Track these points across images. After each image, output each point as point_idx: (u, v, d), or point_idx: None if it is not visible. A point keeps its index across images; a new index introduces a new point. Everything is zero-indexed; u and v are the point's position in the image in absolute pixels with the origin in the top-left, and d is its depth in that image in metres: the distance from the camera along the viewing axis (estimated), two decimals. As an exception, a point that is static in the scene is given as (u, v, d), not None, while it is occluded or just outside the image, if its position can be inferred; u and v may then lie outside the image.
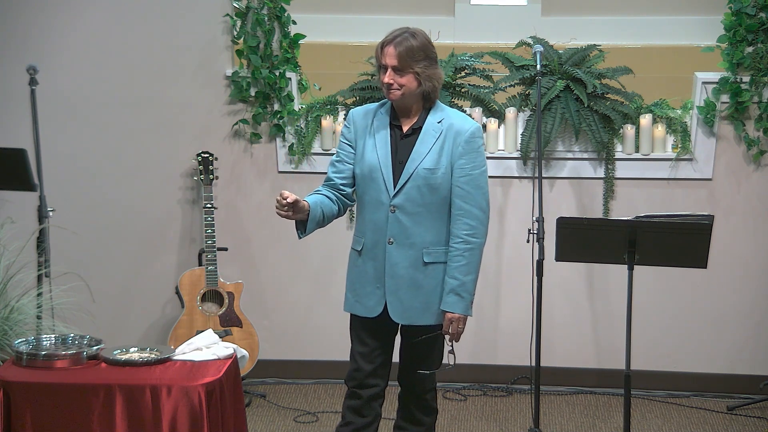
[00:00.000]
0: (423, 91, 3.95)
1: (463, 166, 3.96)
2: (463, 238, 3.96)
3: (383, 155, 3.99)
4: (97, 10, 5.71)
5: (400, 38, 3.91)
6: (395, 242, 3.98)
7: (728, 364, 5.83)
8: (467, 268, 3.98)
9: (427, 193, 3.96)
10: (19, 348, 3.94)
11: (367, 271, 4.04)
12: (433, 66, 3.95)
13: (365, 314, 4.06)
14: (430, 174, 3.95)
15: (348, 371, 4.14)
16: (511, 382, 5.86)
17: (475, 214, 3.96)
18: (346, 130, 4.09)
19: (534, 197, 5.13)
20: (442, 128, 3.98)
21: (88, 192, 5.76)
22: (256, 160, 5.88)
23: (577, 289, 5.85)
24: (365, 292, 4.05)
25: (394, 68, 3.90)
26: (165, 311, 5.89)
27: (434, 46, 3.99)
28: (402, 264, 3.98)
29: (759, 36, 5.56)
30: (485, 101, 5.76)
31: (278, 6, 5.72)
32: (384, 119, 4.03)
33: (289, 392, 5.81)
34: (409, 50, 3.90)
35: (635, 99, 5.72)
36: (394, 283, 3.99)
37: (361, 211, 4.07)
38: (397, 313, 4.01)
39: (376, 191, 3.99)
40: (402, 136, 4.01)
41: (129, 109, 5.76)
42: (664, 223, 4.36)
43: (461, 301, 3.98)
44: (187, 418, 3.71)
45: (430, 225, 3.98)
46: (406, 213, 3.96)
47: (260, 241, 5.94)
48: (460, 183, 3.96)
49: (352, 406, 4.14)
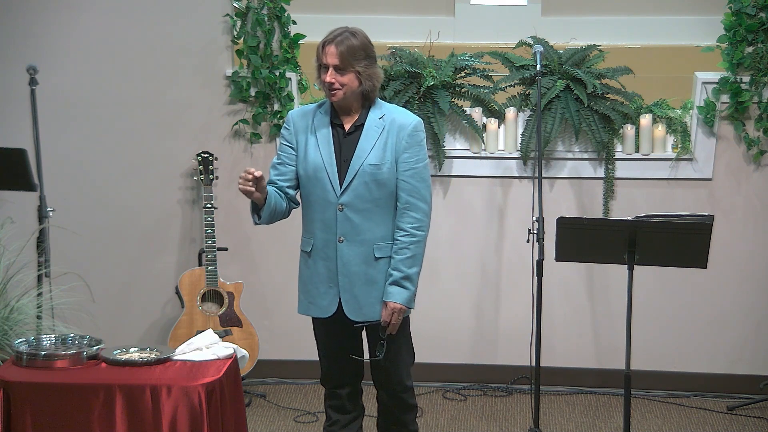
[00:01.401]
0: (363, 90, 3.97)
1: (407, 159, 3.98)
2: (408, 231, 3.98)
3: (326, 154, 3.99)
4: (97, 10, 5.71)
5: (340, 37, 3.94)
6: (345, 240, 3.99)
7: (728, 364, 5.83)
8: (412, 261, 3.99)
9: (375, 189, 3.97)
10: (19, 348, 3.94)
11: (319, 271, 4.04)
12: (373, 65, 3.98)
13: (320, 315, 4.08)
14: (376, 170, 3.96)
15: (322, 374, 4.19)
16: (511, 382, 5.86)
17: (421, 207, 3.99)
18: (286, 131, 4.08)
19: (534, 197, 5.13)
20: (384, 123, 4.00)
21: (88, 192, 5.77)
22: (256, 160, 5.88)
23: (577, 289, 5.85)
24: (318, 292, 4.06)
25: (335, 67, 3.92)
26: (165, 311, 5.89)
27: (373, 45, 4.01)
28: (354, 261, 4.00)
29: (759, 36, 5.56)
30: (485, 101, 5.76)
31: (278, 6, 5.72)
32: (324, 118, 4.04)
33: (289, 392, 5.81)
34: (351, 49, 3.92)
35: (635, 99, 5.72)
36: (347, 281, 4.01)
37: (308, 212, 4.06)
38: (353, 311, 4.02)
39: (323, 190, 3.99)
40: (344, 134, 4.02)
41: (129, 109, 5.76)
42: (664, 223, 4.36)
43: (404, 292, 3.99)
44: (187, 418, 3.71)
45: (379, 220, 4.00)
46: (354, 210, 3.98)
47: (260, 241, 5.94)
48: (405, 177, 3.98)
49: (334, 406, 4.19)
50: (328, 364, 4.16)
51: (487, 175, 5.81)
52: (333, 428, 4.19)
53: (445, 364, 5.92)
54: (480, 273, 5.86)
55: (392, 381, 4.15)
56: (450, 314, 5.88)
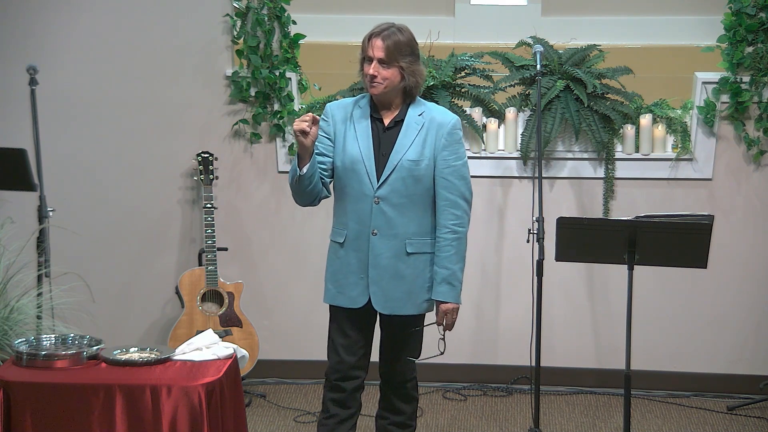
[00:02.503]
0: (405, 86, 4.01)
1: (446, 157, 4.02)
2: (450, 228, 4.02)
3: (365, 147, 4.02)
4: (97, 10, 5.71)
5: (387, 32, 3.98)
6: (379, 233, 4.01)
7: (728, 364, 5.83)
8: (456, 257, 4.04)
9: (411, 185, 4.00)
10: (19, 348, 3.94)
11: (350, 262, 4.07)
12: (417, 62, 4.03)
13: (349, 305, 4.09)
14: (414, 165, 3.99)
15: (330, 364, 4.17)
16: (511, 382, 5.86)
17: (460, 204, 4.04)
18: (324, 123, 4.09)
19: (534, 197, 5.13)
20: (424, 121, 4.04)
21: (88, 192, 5.77)
22: (256, 160, 5.88)
23: (577, 289, 5.85)
24: (348, 282, 4.07)
25: (380, 60, 3.96)
26: (165, 311, 5.89)
27: (417, 43, 4.05)
28: (385, 254, 4.02)
29: (759, 36, 5.56)
30: (485, 101, 5.76)
31: (278, 6, 5.72)
32: (364, 111, 4.07)
33: (289, 392, 5.81)
34: (397, 44, 3.96)
35: (635, 99, 5.72)
36: (377, 273, 4.03)
37: (342, 203, 4.08)
38: (380, 303, 4.05)
39: (359, 183, 4.01)
40: (384, 129, 4.04)
41: (129, 109, 5.76)
42: (664, 223, 4.36)
43: (453, 290, 4.05)
44: (187, 418, 3.71)
45: (413, 216, 4.03)
46: (390, 204, 4.00)
47: (260, 241, 5.94)
48: (445, 174, 4.02)
49: (335, 399, 4.18)
50: (344, 355, 4.14)
51: (487, 175, 5.81)
52: (329, 422, 4.19)
53: (445, 364, 5.89)
54: (480, 273, 5.86)
55: (398, 372, 4.19)
56: (450, 314, 5.88)
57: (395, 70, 3.97)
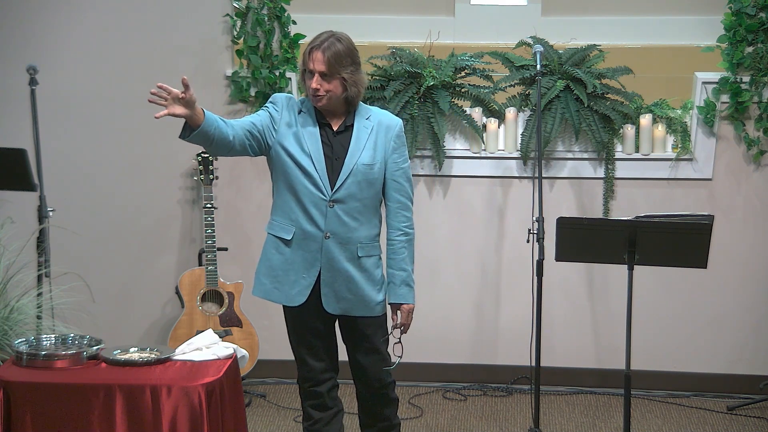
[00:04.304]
0: (347, 96, 3.99)
1: (396, 160, 4.07)
2: (402, 230, 4.08)
3: (315, 150, 4.00)
4: (96, 10, 5.71)
5: (327, 43, 3.93)
6: (332, 237, 4.01)
7: (728, 364, 5.83)
8: (409, 259, 4.11)
9: (365, 188, 4.02)
10: (19, 348, 3.94)
11: (295, 261, 4.05)
12: (358, 71, 4.00)
13: (284, 302, 4.09)
14: (368, 169, 4.02)
15: (300, 374, 4.17)
16: (511, 382, 5.86)
17: (409, 205, 4.11)
18: (273, 108, 4.04)
19: (534, 197, 5.13)
20: (372, 124, 4.06)
21: (88, 192, 5.77)
22: (256, 160, 5.86)
23: (577, 289, 5.85)
24: (288, 280, 4.06)
25: (321, 74, 3.93)
26: (165, 311, 5.89)
27: (357, 50, 4.01)
28: (339, 258, 4.02)
29: (759, 36, 5.56)
30: (485, 101, 5.76)
31: (278, 6, 5.72)
32: (310, 115, 4.04)
33: (289, 392, 5.81)
34: (337, 55, 3.92)
35: (635, 99, 5.72)
36: (330, 275, 4.03)
37: (289, 200, 4.04)
38: (331, 305, 4.05)
39: (312, 185, 3.99)
40: (334, 134, 4.04)
41: (129, 109, 5.75)
42: (664, 223, 4.36)
43: (411, 291, 4.10)
44: (187, 418, 3.70)
45: (365, 219, 4.05)
46: (344, 208, 4.00)
47: (260, 241, 5.90)
48: (396, 177, 4.06)
49: (314, 405, 4.18)
50: (312, 362, 4.13)
51: (487, 175, 5.81)
52: (316, 427, 4.18)
53: (445, 364, 5.93)
54: (480, 273, 5.86)
55: (373, 377, 4.16)
56: (450, 314, 5.88)
57: (337, 82, 3.94)
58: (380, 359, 4.14)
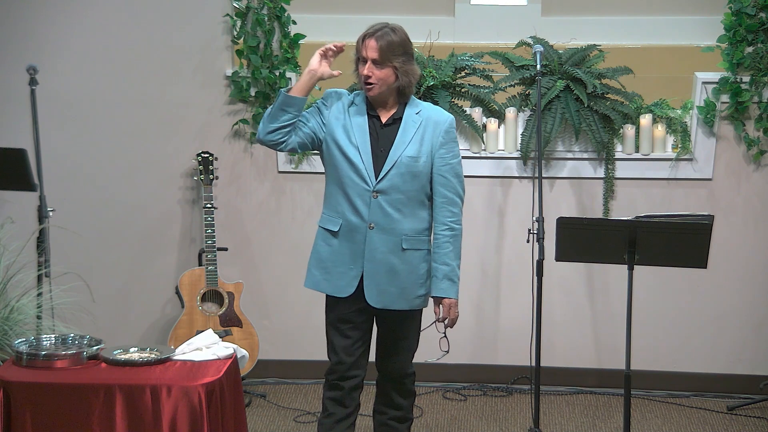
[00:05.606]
0: (399, 86, 4.06)
1: (443, 155, 4.09)
2: (448, 224, 4.10)
3: (362, 142, 4.06)
4: (97, 10, 5.71)
5: (381, 32, 4.02)
6: (376, 227, 4.05)
7: (728, 364, 5.83)
8: (454, 254, 4.12)
9: (409, 181, 4.06)
10: (19, 348, 3.94)
11: (343, 252, 4.11)
12: (410, 62, 4.07)
13: (333, 293, 4.14)
14: (413, 162, 4.05)
15: (329, 365, 4.21)
16: (511, 382, 5.86)
17: (456, 201, 4.12)
18: (323, 105, 4.15)
19: (534, 197, 5.13)
20: (421, 119, 4.10)
21: (88, 192, 5.77)
22: (256, 160, 5.88)
23: (577, 289, 5.85)
24: (337, 272, 4.12)
25: (374, 61, 4.01)
26: (165, 311, 5.89)
27: (412, 43, 4.08)
28: (381, 249, 4.06)
29: (759, 36, 5.56)
30: (485, 101, 5.76)
31: (278, 6, 5.72)
32: (360, 108, 4.11)
33: (289, 392, 5.81)
34: (390, 44, 4.01)
35: (635, 99, 5.72)
36: (372, 267, 4.07)
37: (338, 193, 4.11)
38: (373, 297, 4.09)
39: (357, 176, 4.05)
40: (381, 126, 4.09)
41: (129, 109, 5.76)
42: (664, 223, 4.36)
43: (454, 286, 4.12)
44: (187, 418, 3.71)
45: (409, 212, 4.08)
46: (388, 199, 4.05)
47: (260, 241, 5.94)
48: (442, 172, 4.09)
49: (333, 398, 4.21)
50: (343, 356, 4.16)
51: (487, 175, 5.81)
52: (328, 420, 4.22)
53: (445, 364, 5.88)
54: (480, 273, 5.86)
55: (397, 367, 4.23)
56: (450, 314, 5.88)
57: (389, 71, 4.02)
58: (408, 350, 4.22)
